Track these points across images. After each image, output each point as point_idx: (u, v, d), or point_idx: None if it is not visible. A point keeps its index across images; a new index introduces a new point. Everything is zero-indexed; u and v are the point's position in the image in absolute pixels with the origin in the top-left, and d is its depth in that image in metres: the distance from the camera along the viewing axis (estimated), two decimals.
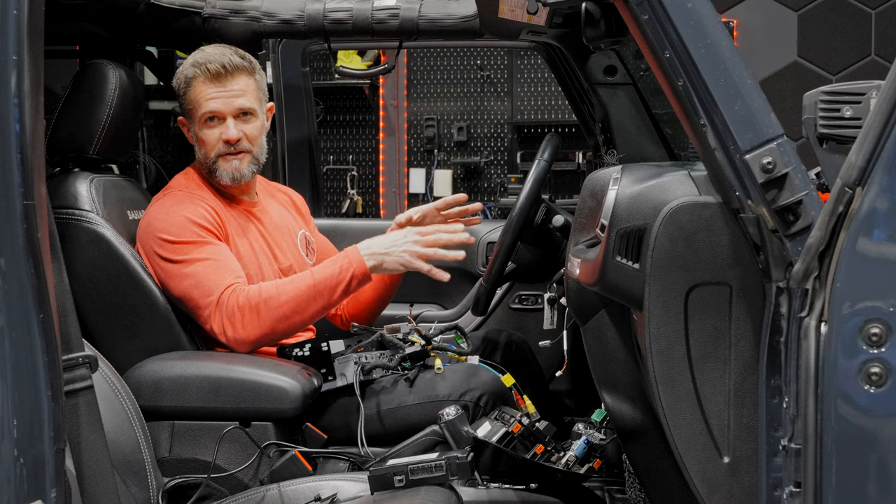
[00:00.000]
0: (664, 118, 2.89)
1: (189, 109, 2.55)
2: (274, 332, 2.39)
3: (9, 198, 1.38)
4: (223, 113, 2.53)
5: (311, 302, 2.40)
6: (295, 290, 2.40)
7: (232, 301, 2.37)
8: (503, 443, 2.28)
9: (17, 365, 1.36)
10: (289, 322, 2.39)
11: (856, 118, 1.55)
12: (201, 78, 2.52)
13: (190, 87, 2.53)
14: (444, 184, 6.10)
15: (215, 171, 2.55)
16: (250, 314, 2.36)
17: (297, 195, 2.92)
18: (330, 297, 2.42)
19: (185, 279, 2.40)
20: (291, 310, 2.39)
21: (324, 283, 2.41)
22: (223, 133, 2.53)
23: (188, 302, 2.41)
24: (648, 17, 1.58)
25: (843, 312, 1.44)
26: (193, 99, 2.53)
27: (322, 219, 3.48)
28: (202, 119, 2.53)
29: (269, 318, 2.37)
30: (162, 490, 2.09)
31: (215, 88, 2.52)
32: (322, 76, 6.03)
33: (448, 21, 2.95)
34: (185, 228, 2.42)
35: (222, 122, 2.53)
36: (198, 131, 2.55)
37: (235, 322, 2.36)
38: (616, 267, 1.75)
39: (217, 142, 2.53)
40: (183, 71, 2.55)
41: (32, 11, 1.41)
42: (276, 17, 2.96)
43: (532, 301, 3.27)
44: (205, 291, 2.38)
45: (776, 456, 1.54)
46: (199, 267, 2.40)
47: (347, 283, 2.42)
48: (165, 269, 2.42)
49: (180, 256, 2.41)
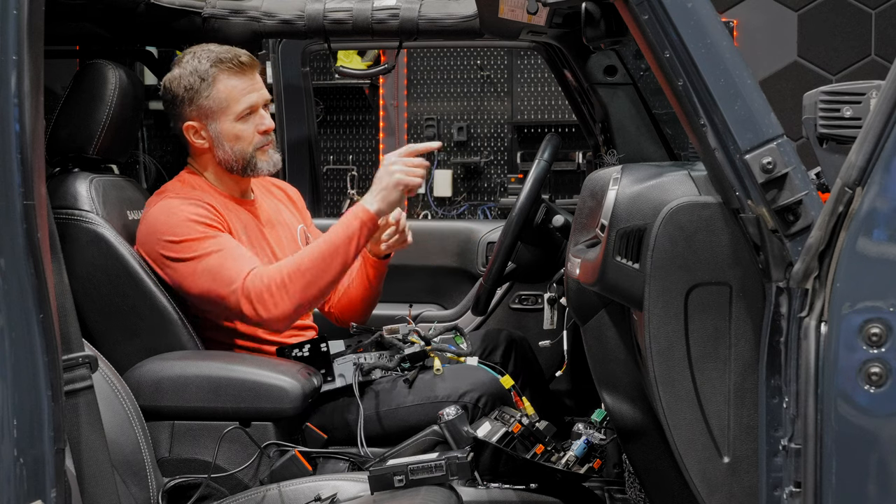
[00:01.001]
0: (664, 118, 2.89)
1: (213, 108, 2.52)
2: (304, 301, 2.39)
3: (9, 198, 1.37)
4: (258, 106, 2.54)
5: (331, 262, 2.40)
6: (312, 256, 2.40)
7: (257, 284, 2.36)
8: (503, 443, 2.28)
9: (17, 365, 1.36)
10: (316, 288, 2.39)
11: (856, 118, 1.54)
12: (233, 70, 2.51)
13: (216, 82, 2.51)
14: (444, 184, 6.10)
15: (254, 165, 2.55)
16: (279, 291, 2.36)
17: (293, 190, 2.91)
18: (347, 252, 2.41)
19: (201, 276, 2.39)
20: (315, 275, 2.38)
21: (337, 241, 2.41)
22: (258, 125, 2.54)
23: (209, 296, 2.40)
24: (648, 17, 1.58)
25: (843, 312, 1.44)
26: (223, 96, 2.51)
27: (322, 219, 3.48)
28: (240, 114, 2.52)
29: (297, 290, 2.36)
30: (162, 490, 2.09)
31: (248, 81, 2.53)
32: (322, 76, 6.03)
33: (448, 21, 2.95)
34: (189, 227, 2.42)
35: (254, 115, 2.54)
36: (229, 128, 2.52)
37: (267, 303, 2.36)
38: (616, 267, 1.75)
39: (253, 134, 2.54)
40: (197, 71, 2.51)
41: (32, 11, 1.41)
42: (276, 17, 2.96)
43: (532, 301, 3.27)
44: (225, 282, 2.37)
45: (776, 456, 1.54)
46: (213, 260, 2.39)
47: (358, 232, 2.42)
48: (178, 270, 2.41)
49: (190, 254, 2.40)
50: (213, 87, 2.51)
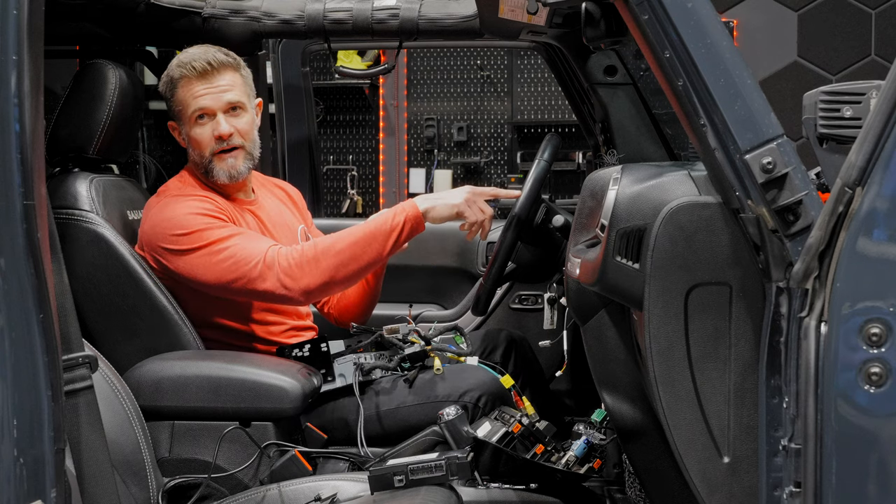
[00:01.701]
0: (664, 118, 2.89)
1: (178, 111, 2.54)
2: (333, 280, 2.37)
3: (9, 198, 1.37)
4: (213, 109, 2.51)
5: (367, 248, 2.39)
6: (350, 238, 2.39)
7: (284, 256, 2.35)
8: (503, 443, 2.28)
9: (17, 365, 1.36)
10: (347, 270, 2.38)
11: (856, 118, 1.54)
12: (188, 77, 2.51)
13: (177, 87, 2.52)
14: (444, 184, 6.09)
15: (211, 170, 2.53)
16: (309, 265, 2.35)
17: (293, 189, 2.90)
18: (385, 242, 2.40)
19: (218, 261, 2.37)
20: (349, 257, 2.37)
21: (378, 229, 2.41)
22: (214, 129, 2.51)
23: (229, 278, 2.38)
24: (648, 17, 1.58)
25: (843, 312, 1.44)
26: (182, 99, 2.52)
27: (322, 219, 3.48)
28: (192, 118, 2.52)
29: (329, 266, 2.36)
30: (162, 490, 2.09)
31: (203, 86, 2.51)
32: (322, 76, 6.02)
33: (448, 21, 2.95)
34: (195, 219, 2.41)
35: (213, 119, 2.52)
36: (189, 131, 2.53)
37: (294, 273, 2.35)
38: (616, 267, 1.75)
39: (210, 140, 2.51)
40: (168, 73, 2.54)
41: (32, 11, 1.41)
42: (276, 17, 2.96)
43: (532, 301, 3.27)
44: (245, 260, 2.36)
45: (776, 456, 1.54)
46: (228, 244, 2.38)
47: (401, 227, 2.41)
48: (189, 261, 2.39)
49: (201, 242, 2.39)
50: (177, 90, 2.53)
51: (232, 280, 2.38)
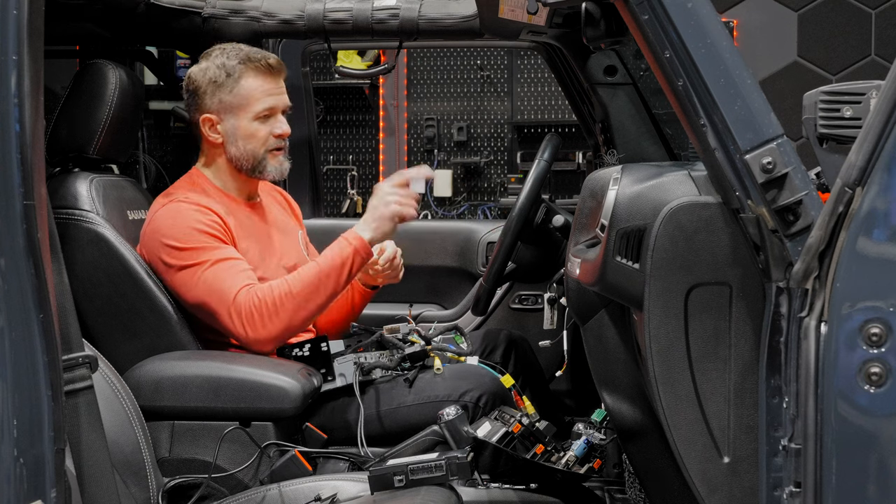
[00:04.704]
0: (664, 118, 2.89)
1: (234, 104, 2.52)
2: (292, 324, 2.39)
3: (9, 198, 1.37)
4: (278, 108, 2.55)
5: (321, 288, 2.40)
6: (304, 280, 2.40)
7: (248, 303, 2.36)
8: (503, 443, 2.28)
9: (17, 365, 1.36)
10: (305, 312, 2.39)
11: (856, 118, 1.54)
12: (261, 70, 2.52)
13: (241, 79, 2.51)
14: (444, 184, 6.10)
15: (263, 166, 2.55)
16: (267, 312, 2.36)
17: (291, 199, 2.92)
18: (338, 278, 2.41)
19: (197, 286, 2.39)
20: (305, 298, 2.38)
21: (329, 267, 2.41)
22: (274, 128, 2.54)
23: (204, 308, 2.41)
24: (648, 17, 1.58)
25: (843, 312, 1.44)
26: (248, 93, 2.52)
27: (322, 219, 3.48)
28: (258, 114, 2.53)
29: (286, 312, 2.37)
30: (162, 490, 2.09)
31: (274, 83, 2.54)
32: (322, 76, 6.03)
33: (448, 21, 2.95)
34: (193, 235, 2.42)
35: (271, 118, 2.54)
36: (245, 126, 2.53)
37: (255, 323, 2.36)
38: (616, 267, 1.75)
39: (268, 136, 2.54)
40: (225, 65, 2.52)
41: (32, 11, 1.41)
42: (276, 17, 2.96)
43: (532, 301, 3.27)
44: (218, 297, 2.38)
45: (776, 456, 1.54)
46: (210, 273, 2.39)
47: (351, 260, 2.42)
48: (176, 278, 2.42)
49: (189, 262, 2.40)
50: (238, 84, 2.51)
51: (204, 311, 2.41)
